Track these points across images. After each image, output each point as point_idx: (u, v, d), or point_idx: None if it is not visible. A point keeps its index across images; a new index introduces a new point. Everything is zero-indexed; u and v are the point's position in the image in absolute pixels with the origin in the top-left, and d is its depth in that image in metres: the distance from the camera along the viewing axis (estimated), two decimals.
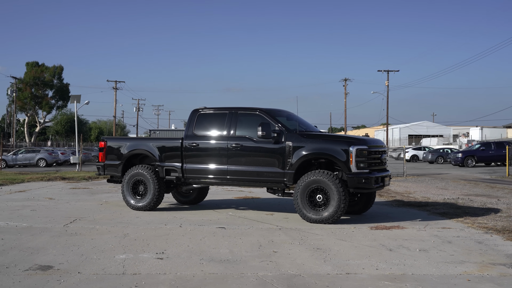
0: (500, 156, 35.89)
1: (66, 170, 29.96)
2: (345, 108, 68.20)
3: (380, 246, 7.79)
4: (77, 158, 28.63)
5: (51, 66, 67.61)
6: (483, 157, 36.35)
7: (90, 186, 18.48)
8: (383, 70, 60.71)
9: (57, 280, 5.80)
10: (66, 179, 21.82)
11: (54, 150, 40.45)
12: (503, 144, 36.77)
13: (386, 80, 60.18)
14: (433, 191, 17.58)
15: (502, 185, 20.79)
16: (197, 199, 13.21)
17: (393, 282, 5.76)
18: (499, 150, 35.97)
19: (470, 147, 40.19)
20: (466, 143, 50.08)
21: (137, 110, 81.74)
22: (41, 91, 66.53)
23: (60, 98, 68.20)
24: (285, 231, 9.13)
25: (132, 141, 12.30)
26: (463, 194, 16.47)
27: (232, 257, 6.98)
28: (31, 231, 8.95)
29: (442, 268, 6.40)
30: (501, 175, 28.06)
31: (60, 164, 38.65)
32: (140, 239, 8.25)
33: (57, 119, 76.43)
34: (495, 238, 8.51)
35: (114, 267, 6.38)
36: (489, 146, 36.91)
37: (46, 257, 6.91)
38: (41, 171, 28.79)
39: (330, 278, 5.95)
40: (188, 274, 6.07)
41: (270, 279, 5.87)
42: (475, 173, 29.97)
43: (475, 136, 55.82)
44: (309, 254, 7.20)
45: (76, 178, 22.12)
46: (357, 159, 9.82)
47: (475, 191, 17.79)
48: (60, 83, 68.19)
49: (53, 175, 22.92)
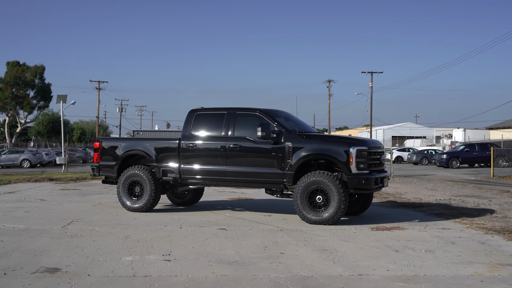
0: (483, 157, 36.33)
1: (52, 171, 29.58)
2: (329, 109, 68.49)
3: (385, 247, 7.80)
4: (63, 159, 28.28)
5: (33, 66, 66.66)
6: (467, 158, 36.75)
7: (79, 187, 18.27)
8: (367, 72, 61.07)
9: (68, 282, 5.69)
10: (53, 180, 21.54)
11: (38, 151, 39.93)
12: (487, 146, 37.25)
13: (370, 82, 60.55)
14: (423, 192, 17.71)
15: (489, 186, 21.02)
16: (192, 200, 13.12)
17: (407, 283, 5.76)
18: (483, 151, 36.41)
19: (454, 149, 40.60)
20: (450, 145, 50.60)
21: (120, 111, 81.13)
22: (22, 91, 65.51)
23: (42, 98, 67.25)
24: (286, 232, 9.10)
25: (128, 142, 12.17)
26: (453, 195, 16.61)
27: (240, 259, 6.93)
28: (30, 233, 8.79)
29: (452, 269, 6.43)
30: (486, 176, 28.37)
31: (44, 165, 38.15)
32: (142, 240, 8.16)
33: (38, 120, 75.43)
34: (496, 238, 8.57)
35: (123, 269, 6.29)
36: (473, 147, 37.33)
37: (51, 260, 6.79)
38: (26, 172, 28.38)
39: (344, 279, 5.93)
40: (200, 276, 6.01)
41: (283, 281, 5.83)
42: (460, 174, 30.26)
43: (458, 137, 56.40)
44: (316, 255, 7.17)
45: (63, 179, 21.84)
46: (357, 160, 9.83)
47: (465, 192, 17.95)
48: (42, 83, 67.23)
49: (40, 176, 22.60)
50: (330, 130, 72.11)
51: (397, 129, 68.21)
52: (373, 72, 60.58)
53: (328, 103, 68.45)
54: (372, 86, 60.28)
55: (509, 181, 25.56)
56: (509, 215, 11.31)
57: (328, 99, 68.64)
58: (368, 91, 65.30)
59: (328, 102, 68.51)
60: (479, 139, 52.31)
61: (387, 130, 67.61)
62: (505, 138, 43.56)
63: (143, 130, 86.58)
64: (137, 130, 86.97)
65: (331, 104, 69.38)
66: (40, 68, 67.17)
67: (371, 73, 60.65)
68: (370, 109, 60.18)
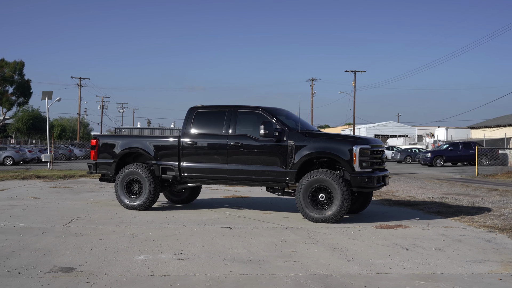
0: (467, 156, 36.80)
1: (36, 168, 29.13)
2: (312, 107, 68.69)
3: (394, 245, 7.82)
4: (49, 156, 27.88)
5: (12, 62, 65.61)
6: (451, 157, 37.18)
7: (69, 185, 18.03)
8: (350, 71, 61.35)
9: (86, 282, 5.60)
10: (41, 177, 21.23)
11: (21, 148, 39.29)
12: (470, 145, 37.74)
13: (353, 81, 60.86)
14: (414, 190, 17.85)
15: (476, 184, 21.29)
16: (189, 198, 13.03)
17: (427, 281, 5.78)
18: (466, 150, 36.89)
19: (438, 147, 41.05)
20: (433, 143, 51.18)
21: (102, 108, 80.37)
22: (1, 87, 64.49)
23: (21, 95, 66.20)
24: (292, 230, 9.08)
25: (126, 139, 12.02)
26: (444, 193, 16.77)
27: (253, 257, 6.89)
28: (32, 231, 8.64)
29: (467, 267, 6.47)
30: (470, 175, 28.74)
31: (27, 162, 37.58)
32: (150, 239, 8.06)
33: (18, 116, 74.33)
34: (500, 237, 8.66)
35: (138, 269, 6.21)
36: (457, 146, 37.79)
37: (62, 259, 6.67)
38: (11, 170, 27.90)
39: (363, 278, 5.93)
40: (219, 275, 5.95)
41: (303, 280, 5.81)
42: (445, 173, 30.60)
43: (441, 136, 57.02)
44: (329, 254, 7.17)
45: (51, 177, 21.54)
46: (361, 159, 9.85)
47: (455, 190, 18.15)
48: (21, 79, 66.18)
49: (27, 174, 22.26)
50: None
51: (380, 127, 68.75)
52: (356, 71, 60.89)
53: (311, 102, 68.67)
54: (355, 85, 60.61)
55: (493, 179, 25.95)
56: (506, 213, 11.45)
57: (311, 97, 68.86)
58: (351, 90, 65.67)
59: (311, 101, 68.73)
60: (461, 138, 52.96)
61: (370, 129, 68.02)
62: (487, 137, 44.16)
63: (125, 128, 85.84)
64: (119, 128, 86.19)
65: (314, 103, 69.67)
66: (19, 64, 66.13)
67: (354, 72, 60.96)
68: (353, 108, 60.51)
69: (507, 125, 48.74)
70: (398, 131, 68.89)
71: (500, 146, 41.24)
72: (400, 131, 69.69)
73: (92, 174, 12.36)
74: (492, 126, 51.50)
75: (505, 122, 50.52)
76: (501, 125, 49.82)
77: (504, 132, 43.84)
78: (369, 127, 69.87)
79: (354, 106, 60.58)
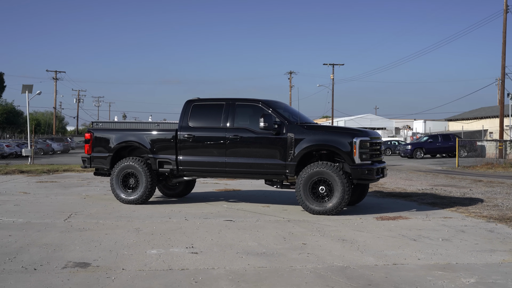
0: (446, 148, 37.36)
1: (16, 163, 28.55)
2: (290, 100, 68.80)
3: (401, 236, 7.90)
4: (29, 151, 27.42)
5: None
6: (431, 149, 37.68)
7: (56, 180, 17.75)
8: (328, 64, 61.72)
9: (107, 277, 5.52)
10: (24, 172, 20.85)
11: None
12: (449, 137, 38.29)
13: (331, 74, 61.18)
14: (401, 182, 18.03)
15: (460, 176, 21.63)
16: (184, 192, 12.96)
17: (445, 271, 5.85)
18: (446, 142, 37.44)
19: (418, 140, 41.57)
20: (411, 136, 51.82)
21: (78, 102, 79.32)
22: None
23: None
24: (295, 223, 9.10)
25: (121, 132, 11.87)
26: (431, 184, 16.99)
27: (266, 250, 6.88)
28: (34, 226, 8.49)
29: (479, 257, 6.57)
30: (451, 166, 29.19)
31: (5, 157, 36.85)
32: (156, 233, 8.00)
33: None
34: (501, 226, 8.81)
35: (155, 263, 6.15)
36: (437, 138, 38.32)
37: (74, 254, 6.57)
38: None
39: (381, 269, 5.97)
40: (238, 269, 5.94)
41: (323, 272, 5.83)
42: (426, 165, 31.02)
43: (419, 128, 57.78)
44: (340, 246, 7.20)
45: (34, 171, 21.18)
46: (361, 151, 9.92)
47: (440, 181, 18.40)
48: None
49: (9, 169, 21.82)
50: None
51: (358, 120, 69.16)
52: (335, 64, 61.24)
53: (289, 95, 68.84)
54: (333, 78, 60.94)
55: (473, 170, 26.41)
56: (499, 203, 11.65)
57: (289, 90, 69.03)
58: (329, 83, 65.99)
59: (289, 94, 68.90)
60: (439, 130, 53.69)
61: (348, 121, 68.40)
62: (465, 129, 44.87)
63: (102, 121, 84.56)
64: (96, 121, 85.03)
65: (292, 96, 69.79)
66: None
67: (333, 65, 61.32)
68: (332, 101, 60.91)
69: (483, 117, 49.58)
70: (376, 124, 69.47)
71: (478, 138, 41.98)
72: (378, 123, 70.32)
73: (87, 168, 12.18)
74: (469, 119, 52.33)
75: (482, 114, 51.38)
76: (478, 117, 50.66)
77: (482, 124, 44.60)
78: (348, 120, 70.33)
79: (333, 99, 61.01)
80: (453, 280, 5.50)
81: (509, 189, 15.05)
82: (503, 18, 35.47)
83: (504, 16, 35.53)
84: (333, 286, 5.29)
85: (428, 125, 56.78)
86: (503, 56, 35.46)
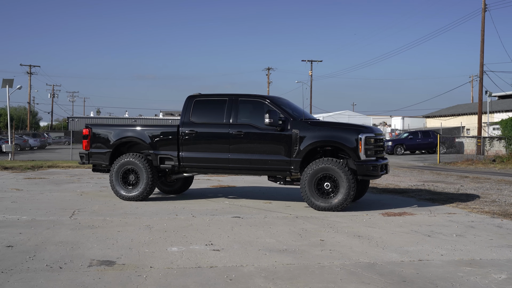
0: (426, 144, 37.85)
1: None
2: None
3: (414, 232, 7.95)
4: (10, 147, 26.89)
5: None
6: (411, 145, 38.11)
7: (44, 176, 17.42)
8: (307, 60, 61.91)
9: (138, 275, 5.42)
10: (8, 168, 20.43)
11: None
12: (429, 133, 38.80)
13: (310, 70, 61.37)
14: (390, 178, 18.17)
15: (445, 172, 21.97)
16: (182, 188, 12.84)
17: (473, 267, 5.91)
18: (425, 138, 37.93)
19: (398, 136, 41.99)
20: (390, 132, 52.31)
21: (52, 97, 78.05)
22: None
23: None
24: (304, 219, 9.09)
25: (121, 128, 11.71)
26: (421, 180, 17.19)
27: (287, 247, 6.85)
28: (41, 224, 8.31)
29: (500, 253, 6.64)
30: (432, 163, 29.60)
31: None
32: (170, 230, 7.90)
33: None
34: (507, 222, 8.95)
35: (180, 260, 6.07)
36: (417, 135, 38.77)
37: (94, 252, 6.44)
38: None
39: (408, 265, 6.00)
40: (267, 266, 5.89)
41: (353, 268, 5.83)
42: (408, 161, 31.35)
43: (398, 125, 58.39)
44: (358, 242, 7.22)
45: (18, 168, 20.76)
46: (366, 147, 9.95)
47: (428, 178, 18.64)
48: None
49: None
50: None
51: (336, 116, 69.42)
52: (313, 60, 61.43)
53: (267, 91, 68.82)
54: (311, 75, 61.14)
55: (455, 167, 26.82)
56: (495, 199, 11.84)
57: (267, 86, 69.03)
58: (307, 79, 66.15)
59: (267, 90, 68.89)
60: (418, 126, 54.38)
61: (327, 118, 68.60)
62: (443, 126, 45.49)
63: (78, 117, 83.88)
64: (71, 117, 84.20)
65: (270, 92, 69.81)
66: None
67: (311, 61, 61.52)
68: (310, 97, 61.12)
69: (460, 114, 50.39)
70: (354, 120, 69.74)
71: (455, 134, 42.63)
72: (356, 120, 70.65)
73: (84, 164, 11.98)
74: (447, 115, 53.11)
75: (459, 111, 52.22)
76: (455, 114, 51.46)
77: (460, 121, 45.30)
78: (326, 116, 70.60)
79: (311, 95, 61.23)
80: (485, 276, 5.55)
81: (499, 185, 15.32)
82: (481, 16, 36.02)
83: (483, 14, 36.07)
84: (368, 283, 5.29)
85: (407, 122, 57.46)
86: (481, 54, 36.01)
